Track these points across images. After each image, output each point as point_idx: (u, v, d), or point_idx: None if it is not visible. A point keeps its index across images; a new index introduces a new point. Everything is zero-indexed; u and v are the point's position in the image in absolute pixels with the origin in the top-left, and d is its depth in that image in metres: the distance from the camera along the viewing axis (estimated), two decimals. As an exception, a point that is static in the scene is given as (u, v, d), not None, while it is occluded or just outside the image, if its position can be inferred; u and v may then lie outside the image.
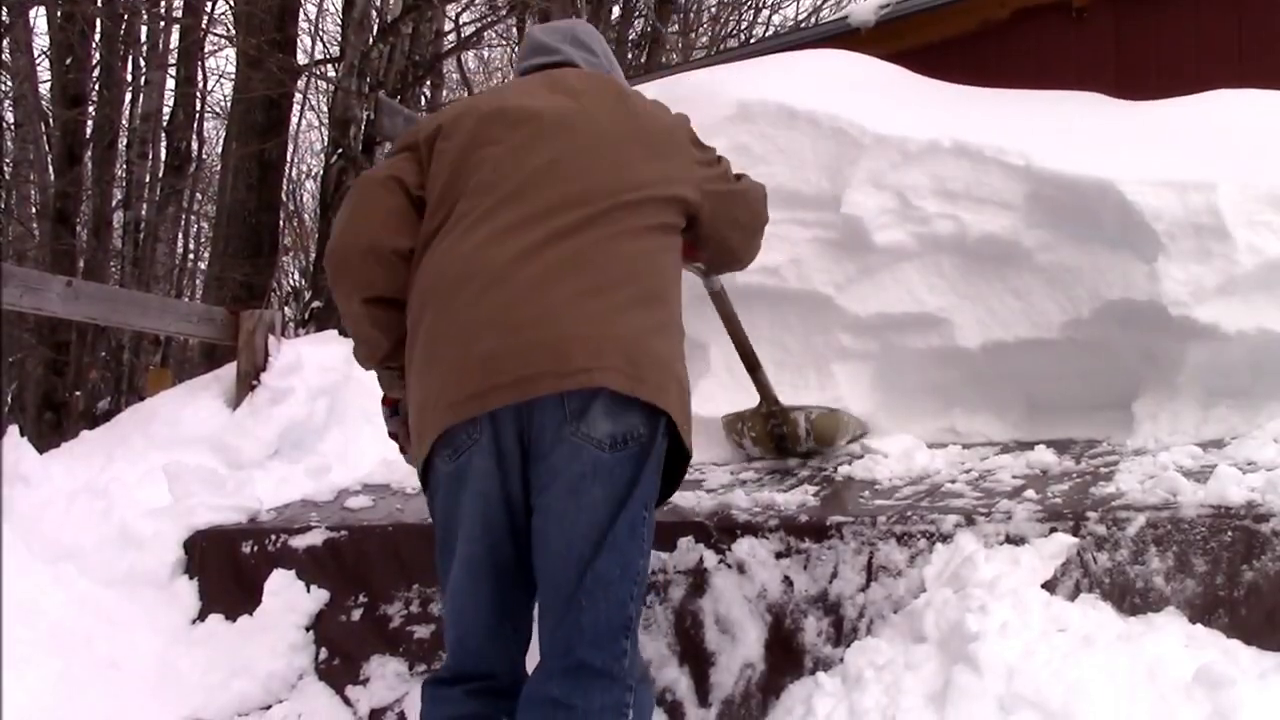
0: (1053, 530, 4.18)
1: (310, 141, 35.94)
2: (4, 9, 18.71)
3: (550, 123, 4.02)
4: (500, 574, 3.78)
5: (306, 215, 33.03)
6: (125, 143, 21.46)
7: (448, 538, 3.85)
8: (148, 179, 22.16)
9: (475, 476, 3.72)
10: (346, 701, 5.16)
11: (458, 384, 3.70)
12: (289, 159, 26.70)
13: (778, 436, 5.78)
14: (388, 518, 5.58)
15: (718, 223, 4.30)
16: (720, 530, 4.71)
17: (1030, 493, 4.62)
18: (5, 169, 21.42)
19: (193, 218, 30.24)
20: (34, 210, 22.05)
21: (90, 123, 19.34)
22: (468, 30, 25.01)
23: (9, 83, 21.06)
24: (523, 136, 4.00)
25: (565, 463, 3.59)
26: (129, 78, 21.36)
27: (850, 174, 6.41)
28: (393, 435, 4.39)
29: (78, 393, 17.91)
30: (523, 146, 3.97)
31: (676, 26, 28.16)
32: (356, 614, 5.33)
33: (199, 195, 29.53)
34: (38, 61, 20.69)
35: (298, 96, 26.15)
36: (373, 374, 4.26)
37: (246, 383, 7.39)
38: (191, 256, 31.93)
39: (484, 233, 3.81)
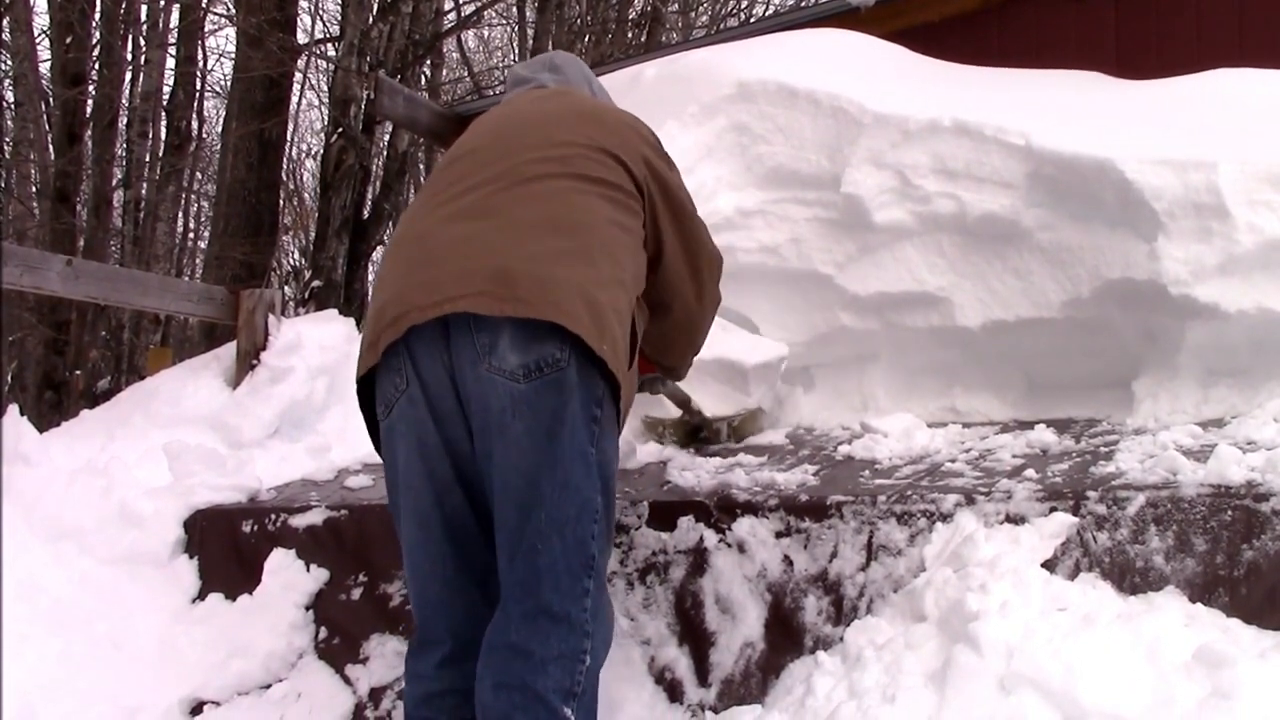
0: (1053, 509, 4.18)
1: (310, 120, 36.06)
2: (4, -12, 18.72)
3: (495, 125, 4.24)
4: (452, 524, 3.81)
5: (307, 194, 33.04)
6: (125, 122, 21.41)
7: (392, 494, 3.95)
8: (148, 158, 22.13)
9: (409, 426, 3.79)
10: (346, 680, 5.16)
11: (367, 336, 3.88)
12: (289, 138, 26.68)
13: (694, 428, 6.00)
14: (387, 497, 5.58)
15: (668, 231, 4.30)
16: (720, 510, 4.71)
17: (1030, 472, 4.62)
18: (5, 148, 21.39)
19: (193, 197, 30.28)
20: (34, 189, 22.05)
21: (90, 102, 19.30)
22: (468, 9, 24.97)
23: (9, 61, 21.06)
24: (471, 142, 4.23)
25: (488, 401, 3.63)
26: (129, 57, 21.30)
27: (850, 153, 6.42)
28: None
29: (78, 372, 17.90)
30: (466, 147, 4.20)
31: (676, 5, 28.14)
32: (356, 593, 5.33)
33: (199, 174, 29.58)
34: (38, 40, 20.70)
35: (298, 76, 26.17)
36: None
37: (246, 362, 7.40)
38: (191, 236, 31.99)
39: (417, 207, 4.10)
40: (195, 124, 24.12)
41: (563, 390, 3.60)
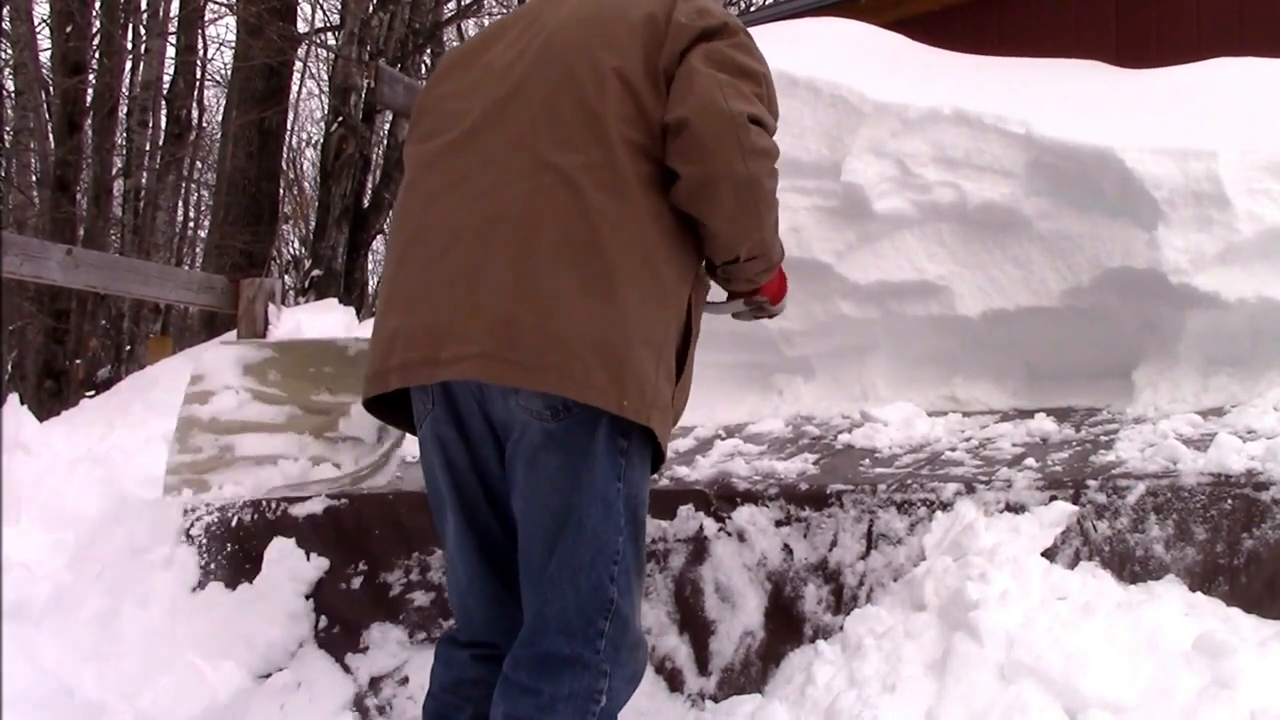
0: (1053, 498, 4.18)
1: (310, 110, 36.17)
2: (4, -23, 18.72)
3: (501, 75, 3.72)
4: (486, 541, 3.70)
5: (307, 183, 33.15)
6: (125, 111, 21.47)
7: (434, 503, 3.81)
8: (148, 147, 22.18)
9: (439, 445, 3.65)
10: (346, 669, 5.16)
11: (373, 361, 3.65)
12: (289, 127, 26.75)
13: None
14: (387, 486, 5.58)
15: (679, 94, 3.49)
16: (720, 498, 4.71)
17: (1030, 461, 4.62)
18: (6, 137, 21.42)
19: (193, 186, 30.35)
20: (34, 178, 22.11)
21: (90, 91, 19.35)
22: (468, -2, 24.98)
23: (9, 50, 21.07)
24: (494, 61, 3.78)
25: (520, 434, 3.46)
26: (129, 46, 21.35)
27: (850, 142, 6.40)
28: None
29: (78, 361, 17.93)
30: (486, 75, 3.77)
31: (677, -6, 28.09)
32: (356, 582, 5.33)
33: (199, 163, 29.68)
34: (38, 29, 20.71)
35: (298, 65, 26.21)
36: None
37: (246, 351, 7.41)
38: (191, 225, 32.06)
39: (440, 186, 3.67)
40: (195, 113, 24.22)
41: (593, 425, 3.40)
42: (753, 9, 25.24)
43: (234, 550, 5.62)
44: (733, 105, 3.44)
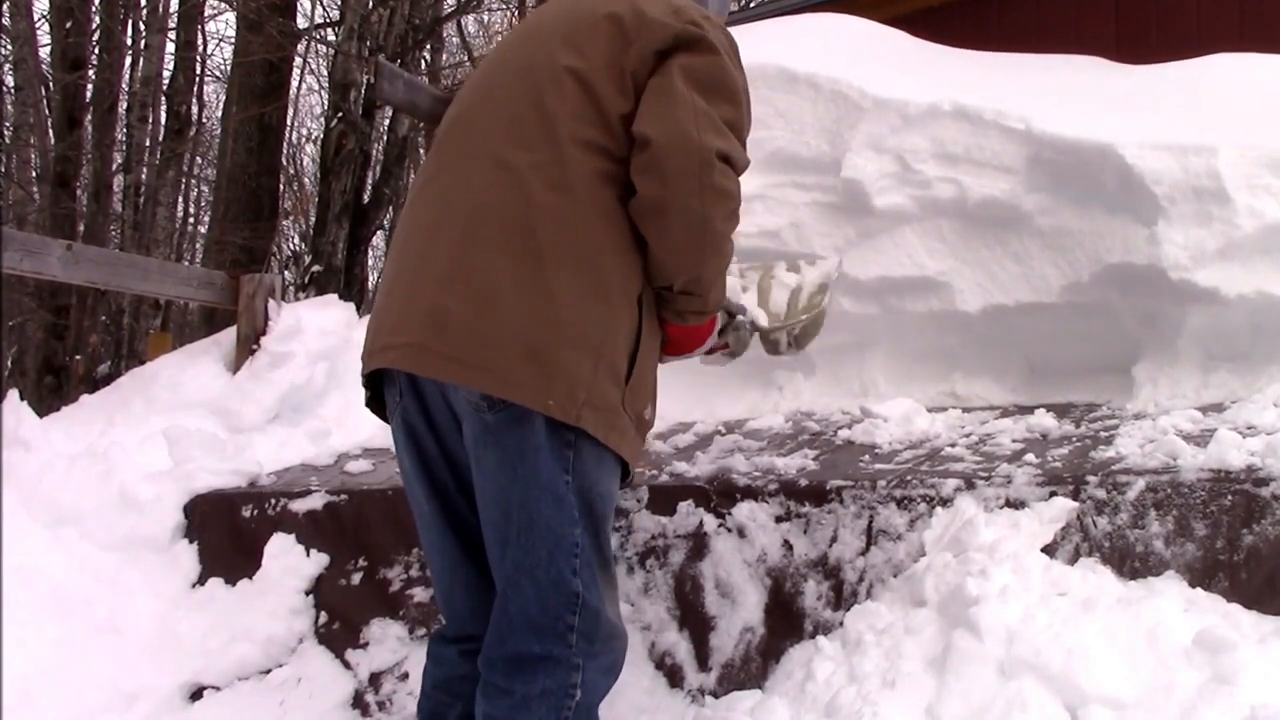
0: (1053, 494, 4.18)
1: (310, 105, 36.06)
2: (3, -27, 18.71)
3: (485, 75, 3.82)
4: (461, 529, 3.68)
5: (307, 179, 33.13)
6: (125, 107, 21.41)
7: (409, 494, 3.81)
8: (148, 143, 22.14)
9: (410, 434, 3.65)
10: (346, 665, 5.16)
11: (368, 339, 3.68)
12: (289, 123, 26.70)
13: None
14: (387, 482, 5.57)
15: (644, 117, 3.44)
16: (720, 494, 4.71)
17: (1030, 457, 4.62)
18: (6, 133, 21.39)
19: (193, 182, 30.34)
20: (34, 174, 22.07)
21: (90, 87, 19.30)
22: (467, -6, 24.96)
23: (9, 47, 21.03)
24: (479, 72, 3.89)
25: (467, 428, 3.46)
26: (129, 41, 21.30)
27: (850, 138, 6.41)
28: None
29: (78, 357, 17.90)
30: (470, 84, 3.87)
31: (677, -10, 28.05)
32: (356, 578, 5.34)
33: (199, 159, 29.63)
34: (37, 25, 20.68)
35: (298, 60, 26.18)
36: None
37: (246, 347, 7.40)
38: (192, 220, 32.06)
39: (412, 195, 3.79)
40: (195, 109, 24.16)
41: (529, 418, 3.36)
42: (753, 4, 25.24)
43: (234, 546, 5.63)
44: (705, 138, 3.41)
